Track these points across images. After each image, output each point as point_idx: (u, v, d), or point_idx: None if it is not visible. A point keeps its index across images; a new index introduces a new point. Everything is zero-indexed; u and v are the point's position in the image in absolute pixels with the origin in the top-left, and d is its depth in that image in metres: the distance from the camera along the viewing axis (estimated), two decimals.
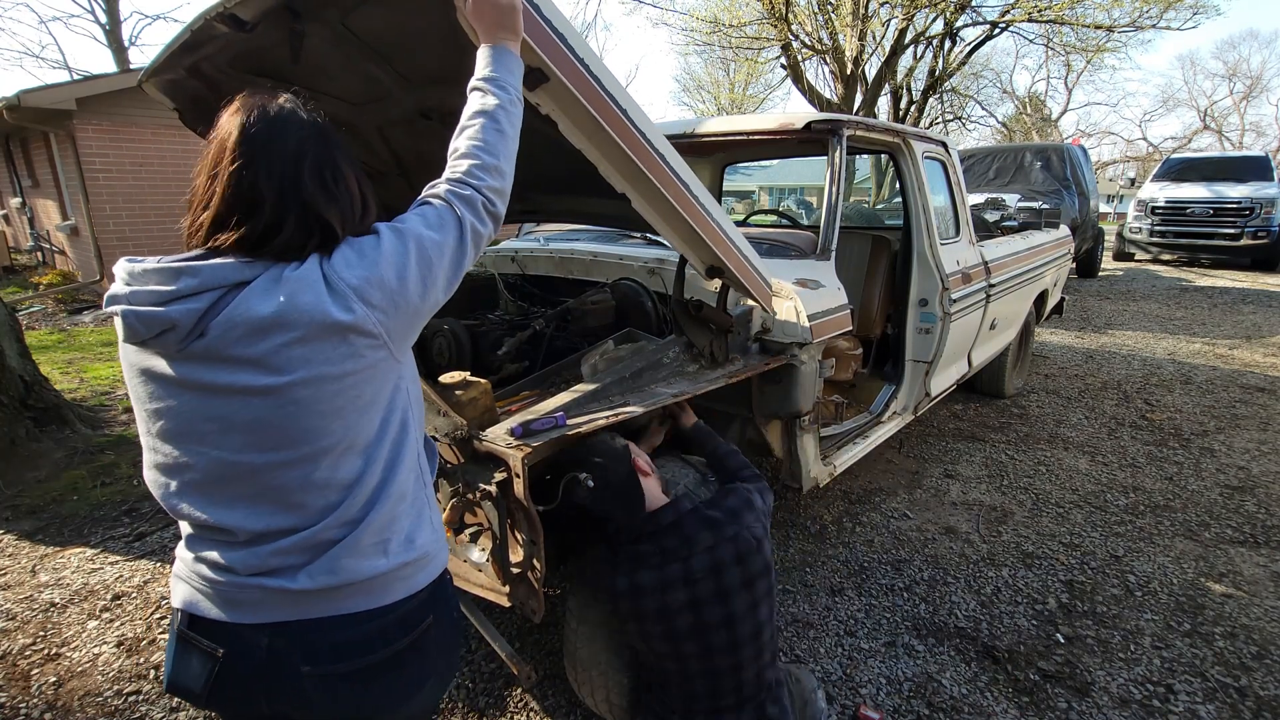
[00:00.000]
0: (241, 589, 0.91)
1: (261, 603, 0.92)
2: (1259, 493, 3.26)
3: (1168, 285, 9.61)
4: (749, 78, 23.98)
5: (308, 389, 0.86)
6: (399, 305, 0.91)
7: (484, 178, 1.02)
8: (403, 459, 0.98)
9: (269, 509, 0.90)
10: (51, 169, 8.90)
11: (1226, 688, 2.03)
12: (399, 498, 0.97)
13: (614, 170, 1.50)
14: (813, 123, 2.57)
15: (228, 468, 0.89)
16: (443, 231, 0.96)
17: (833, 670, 2.10)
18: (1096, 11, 12.86)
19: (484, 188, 1.01)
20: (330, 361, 0.86)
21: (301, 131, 0.91)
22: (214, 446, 0.88)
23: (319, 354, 0.85)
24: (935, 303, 2.99)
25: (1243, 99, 35.27)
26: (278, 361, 0.85)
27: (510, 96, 1.08)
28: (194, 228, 0.90)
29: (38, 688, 2.05)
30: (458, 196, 0.99)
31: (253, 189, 0.87)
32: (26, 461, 3.47)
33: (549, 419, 1.50)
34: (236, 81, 1.73)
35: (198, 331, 0.85)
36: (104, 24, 17.91)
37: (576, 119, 1.37)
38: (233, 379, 0.85)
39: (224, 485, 0.90)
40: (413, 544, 0.99)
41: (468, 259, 0.99)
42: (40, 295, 8.32)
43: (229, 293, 0.85)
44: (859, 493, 3.25)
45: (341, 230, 0.92)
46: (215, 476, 0.90)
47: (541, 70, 1.24)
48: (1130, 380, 5.10)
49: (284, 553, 0.91)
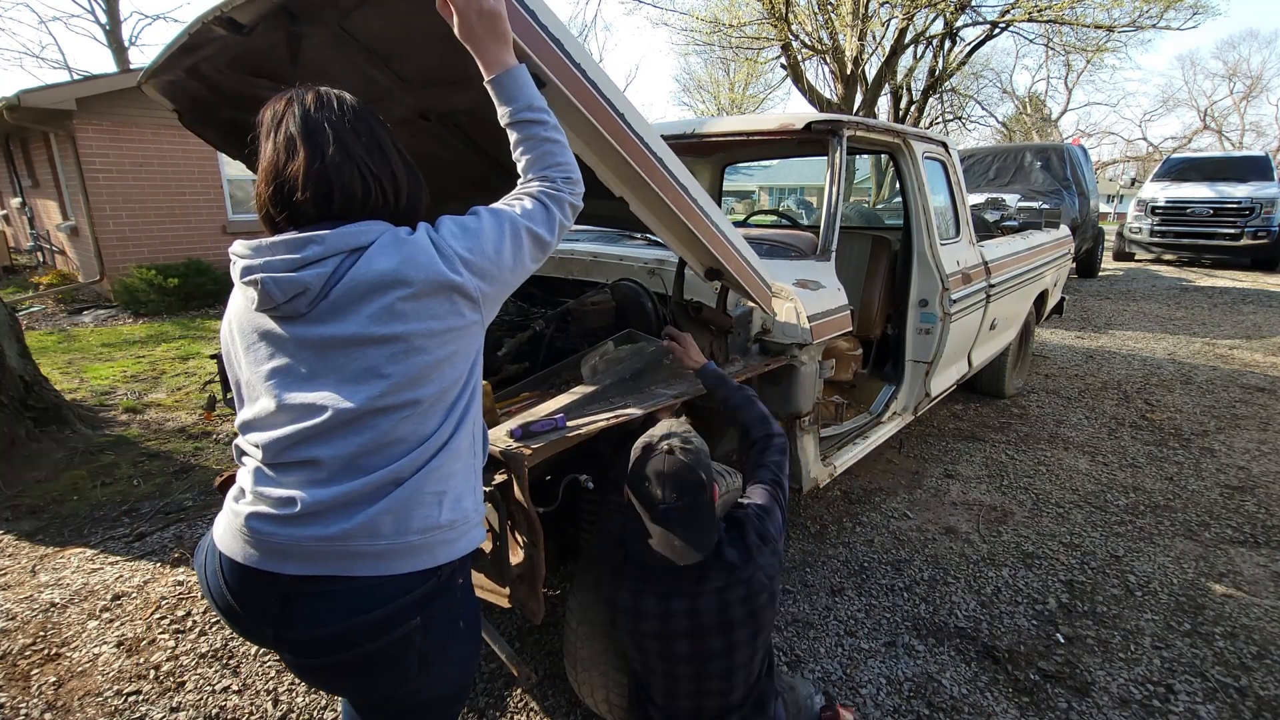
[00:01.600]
0: (294, 541, 0.96)
1: (307, 554, 0.96)
2: (1259, 493, 3.26)
3: (1168, 285, 9.61)
4: (749, 78, 23.98)
5: (417, 340, 0.97)
6: (494, 275, 1.04)
7: (567, 183, 1.16)
8: (466, 423, 1.07)
9: (358, 453, 0.97)
10: (51, 169, 8.89)
11: (1226, 688, 2.03)
12: (457, 455, 1.05)
13: (611, 174, 1.51)
14: (813, 123, 2.57)
15: (336, 415, 0.96)
16: (533, 219, 1.10)
17: (833, 670, 2.10)
18: (1096, 11, 12.86)
19: (568, 190, 1.15)
20: (437, 317, 0.99)
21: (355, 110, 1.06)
22: (328, 396, 0.97)
23: (429, 309, 0.98)
24: (935, 303, 2.99)
25: (1243, 99, 35.29)
26: (394, 313, 0.96)
27: (542, 114, 1.16)
28: (285, 212, 1.01)
29: (38, 688, 2.05)
30: (547, 195, 1.13)
31: (339, 170, 1.00)
32: (26, 461, 3.47)
33: (549, 421, 1.50)
34: (236, 82, 1.73)
35: (323, 294, 0.96)
36: (104, 24, 17.90)
37: (573, 124, 1.37)
38: (354, 331, 0.96)
39: (328, 432, 0.97)
40: (460, 505, 1.05)
41: (550, 245, 1.13)
42: (40, 295, 8.32)
43: (349, 257, 0.97)
44: (859, 493, 3.26)
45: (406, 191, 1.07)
46: (325, 426, 0.97)
47: (538, 77, 1.24)
48: (1130, 380, 5.10)
49: (354, 496, 0.96)
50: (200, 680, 2.08)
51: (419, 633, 1.00)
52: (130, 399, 4.57)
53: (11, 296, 8.19)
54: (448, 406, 1.03)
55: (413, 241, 0.99)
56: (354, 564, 0.96)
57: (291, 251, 0.96)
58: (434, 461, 1.01)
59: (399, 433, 0.98)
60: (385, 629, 0.97)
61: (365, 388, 0.96)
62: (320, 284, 0.96)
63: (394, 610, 0.97)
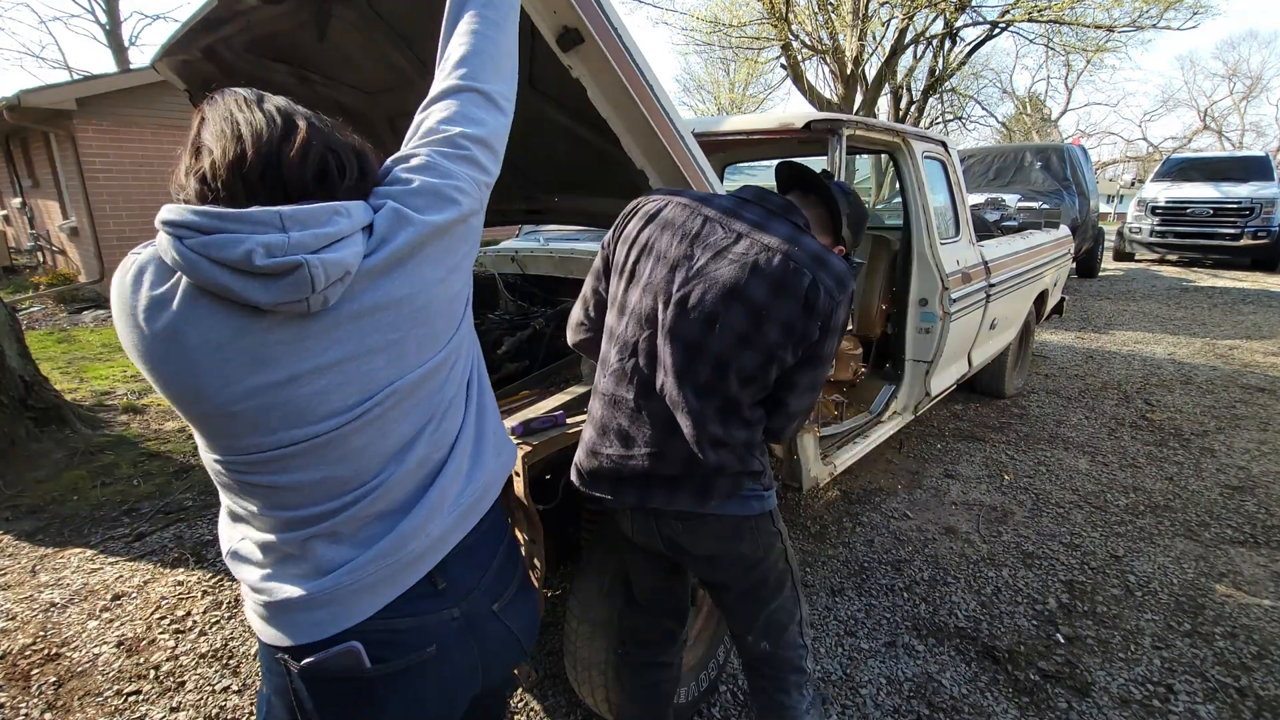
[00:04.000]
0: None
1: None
2: (1259, 493, 3.25)
3: (1168, 285, 9.61)
4: (749, 78, 23.99)
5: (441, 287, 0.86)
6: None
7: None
8: (480, 366, 1.02)
9: (419, 423, 0.89)
10: (51, 169, 8.89)
11: (1226, 688, 2.03)
12: (489, 392, 1.02)
13: (636, 145, 1.48)
14: (812, 122, 2.57)
15: (396, 390, 0.85)
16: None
17: (833, 670, 2.10)
18: (1096, 11, 12.88)
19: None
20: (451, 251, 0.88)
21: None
22: (385, 373, 0.84)
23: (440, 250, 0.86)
24: (935, 302, 2.99)
25: (1243, 99, 35.29)
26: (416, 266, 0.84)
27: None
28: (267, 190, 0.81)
29: (38, 688, 2.05)
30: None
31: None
32: (26, 461, 3.47)
33: (549, 418, 1.50)
34: (251, 66, 1.70)
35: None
36: (104, 24, 17.92)
37: (606, 86, 1.36)
38: (394, 291, 0.82)
39: (393, 406, 0.85)
40: (506, 443, 1.04)
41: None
42: (40, 295, 8.32)
43: (363, 232, 0.82)
44: (859, 493, 3.25)
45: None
46: (389, 401, 0.85)
47: (578, 30, 1.23)
48: (1130, 380, 5.10)
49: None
50: (200, 680, 2.08)
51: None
52: (130, 399, 4.57)
53: (11, 296, 8.19)
54: (468, 356, 1.02)
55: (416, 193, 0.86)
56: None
57: (320, 224, 0.75)
58: (483, 405, 1.01)
59: (449, 403, 0.98)
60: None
61: (418, 351, 0.91)
62: (357, 264, 0.78)
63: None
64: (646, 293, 1.24)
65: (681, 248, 1.22)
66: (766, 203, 1.27)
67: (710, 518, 1.28)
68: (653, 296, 1.23)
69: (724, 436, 1.22)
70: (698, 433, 1.21)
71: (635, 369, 1.25)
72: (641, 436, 1.25)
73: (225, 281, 0.72)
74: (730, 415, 1.23)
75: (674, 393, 1.21)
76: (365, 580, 0.85)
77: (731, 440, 1.23)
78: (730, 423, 1.23)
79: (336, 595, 0.84)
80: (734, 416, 1.23)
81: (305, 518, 0.84)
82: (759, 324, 1.16)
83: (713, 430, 1.21)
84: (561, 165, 2.00)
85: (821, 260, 1.19)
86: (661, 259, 1.23)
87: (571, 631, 1.70)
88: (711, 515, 1.27)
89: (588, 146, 1.48)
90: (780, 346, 1.18)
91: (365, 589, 0.85)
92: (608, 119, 1.41)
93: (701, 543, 1.32)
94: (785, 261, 1.17)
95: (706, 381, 1.20)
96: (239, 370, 0.76)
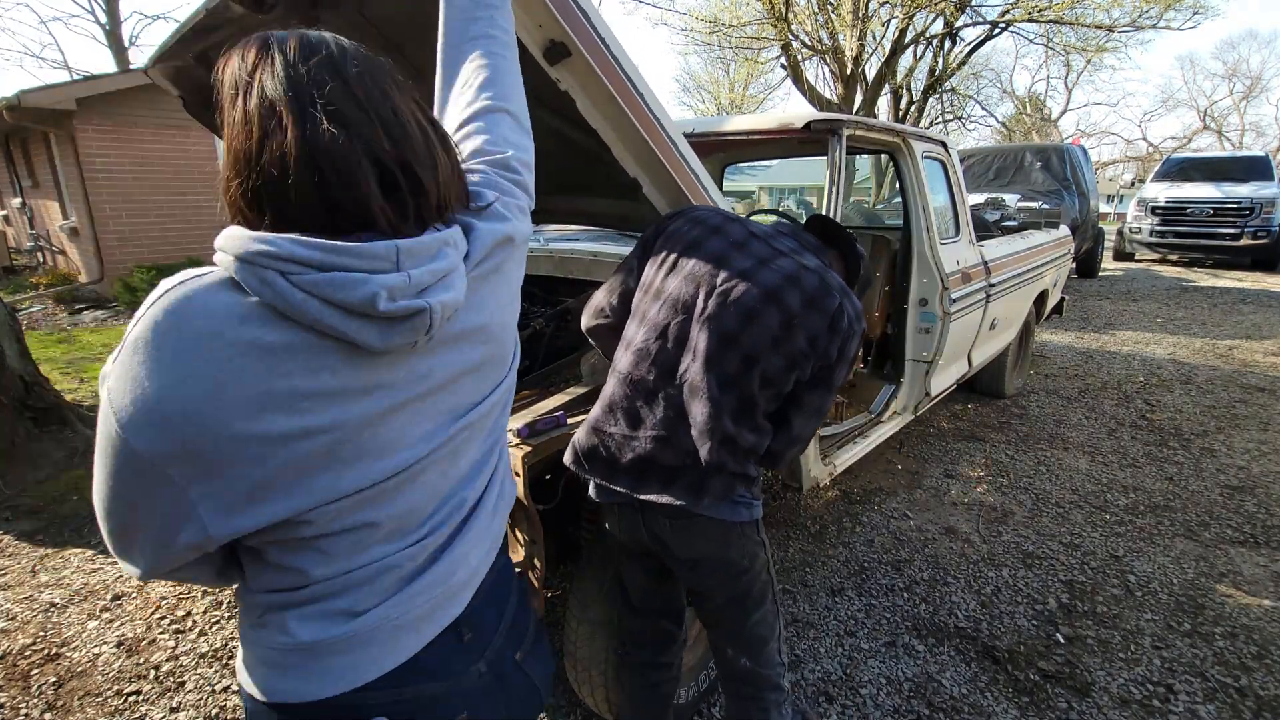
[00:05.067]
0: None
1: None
2: (1259, 493, 3.25)
3: (1168, 285, 9.60)
4: (749, 78, 23.99)
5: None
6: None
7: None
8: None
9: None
10: (51, 169, 8.89)
11: (1226, 688, 2.03)
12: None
13: (628, 153, 1.49)
14: (812, 122, 2.57)
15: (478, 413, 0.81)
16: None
17: (832, 670, 2.10)
18: (1096, 11, 12.87)
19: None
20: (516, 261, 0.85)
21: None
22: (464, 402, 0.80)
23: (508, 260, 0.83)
24: (935, 302, 2.99)
25: (1243, 99, 35.32)
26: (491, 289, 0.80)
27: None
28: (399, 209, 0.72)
29: (38, 688, 2.05)
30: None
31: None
32: (26, 461, 3.47)
33: (550, 419, 1.50)
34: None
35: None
36: (104, 24, 17.89)
37: (595, 97, 1.36)
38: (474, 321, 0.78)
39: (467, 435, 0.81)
40: (510, 470, 1.02)
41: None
42: (40, 295, 8.32)
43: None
44: (859, 493, 3.25)
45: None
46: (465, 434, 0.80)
47: (564, 45, 1.22)
48: (1130, 380, 5.10)
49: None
50: (200, 680, 2.08)
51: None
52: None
53: (11, 296, 8.19)
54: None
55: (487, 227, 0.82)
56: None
57: (433, 258, 0.67)
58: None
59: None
60: None
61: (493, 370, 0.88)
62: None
63: None
64: (688, 281, 1.29)
65: (728, 250, 1.31)
66: (801, 237, 1.40)
67: (700, 518, 1.29)
68: (694, 285, 1.28)
69: (733, 433, 1.25)
70: (711, 423, 1.24)
71: (661, 350, 1.29)
72: (651, 419, 1.28)
73: (335, 324, 0.61)
74: (744, 415, 1.26)
75: (697, 378, 1.25)
76: (413, 614, 0.77)
77: (740, 440, 1.26)
78: (742, 423, 1.27)
79: (378, 634, 0.75)
80: (747, 418, 1.27)
81: (377, 555, 0.75)
82: (789, 330, 1.24)
83: (725, 425, 1.25)
84: (560, 166, 1.99)
85: (847, 292, 1.31)
86: (707, 255, 1.30)
87: (571, 631, 1.70)
88: (701, 516, 1.29)
89: (584, 149, 1.48)
90: (804, 356, 1.25)
91: (410, 625, 0.77)
92: (598, 129, 1.41)
93: (688, 544, 1.33)
94: (820, 283, 1.27)
95: (734, 372, 1.24)
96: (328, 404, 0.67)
